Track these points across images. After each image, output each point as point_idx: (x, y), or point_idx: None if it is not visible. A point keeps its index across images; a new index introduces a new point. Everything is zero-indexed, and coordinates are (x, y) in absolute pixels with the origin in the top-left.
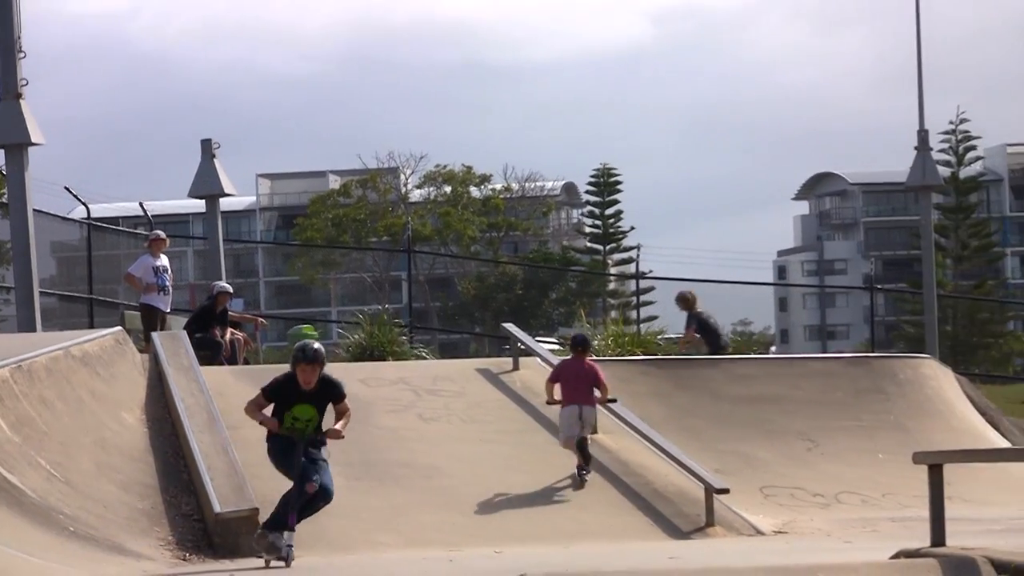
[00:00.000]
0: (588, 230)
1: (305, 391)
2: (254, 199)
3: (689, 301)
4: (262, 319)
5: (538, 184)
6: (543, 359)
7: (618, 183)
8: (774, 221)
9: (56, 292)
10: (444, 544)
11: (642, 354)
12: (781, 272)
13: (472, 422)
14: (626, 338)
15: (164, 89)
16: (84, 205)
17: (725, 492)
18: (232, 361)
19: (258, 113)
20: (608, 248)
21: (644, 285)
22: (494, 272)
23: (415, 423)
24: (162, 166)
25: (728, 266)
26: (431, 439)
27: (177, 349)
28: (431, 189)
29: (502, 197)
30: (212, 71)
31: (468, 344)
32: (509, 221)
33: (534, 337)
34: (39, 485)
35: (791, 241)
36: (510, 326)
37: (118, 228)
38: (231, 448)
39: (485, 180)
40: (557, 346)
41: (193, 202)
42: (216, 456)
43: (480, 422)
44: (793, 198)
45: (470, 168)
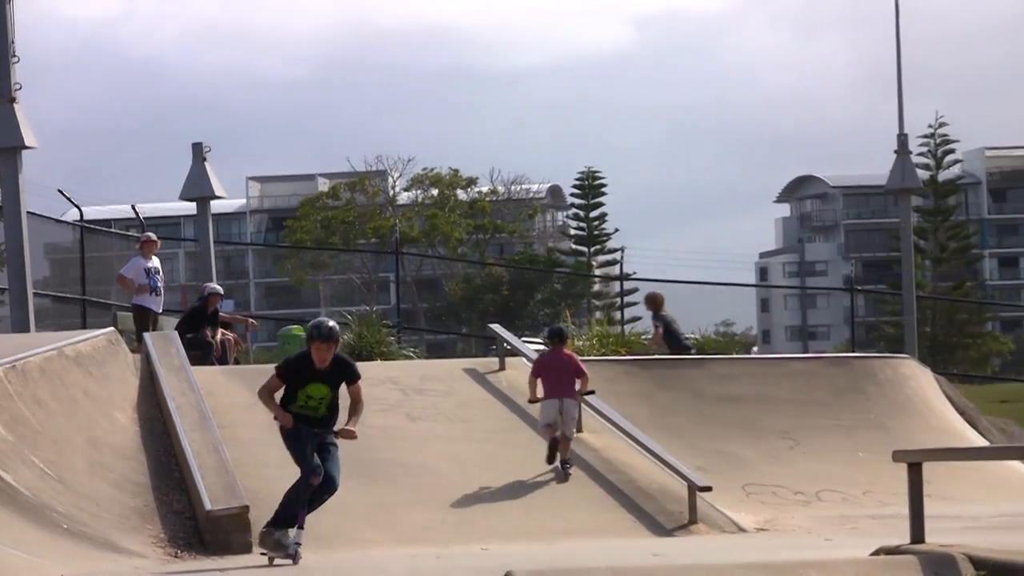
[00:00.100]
0: (573, 232)
1: (319, 370)
2: (244, 202)
3: (658, 302)
4: (252, 320)
5: (524, 187)
6: (529, 359)
7: (602, 186)
8: (756, 223)
9: (50, 293)
10: (432, 541)
11: (626, 354)
12: (763, 273)
13: (459, 421)
14: (610, 338)
15: (155, 93)
16: (77, 208)
17: (708, 490)
18: (223, 361)
19: (248, 117)
20: (593, 250)
21: (628, 286)
22: (480, 273)
23: (403, 422)
24: (154, 169)
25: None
26: (419, 438)
27: (168, 349)
28: (419, 192)
29: (488, 200)
30: (203, 75)
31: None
32: (495, 223)
33: (520, 337)
34: (33, 483)
35: (773, 243)
36: (496, 327)
37: (110, 230)
38: (222, 447)
39: (472, 183)
40: (543, 346)
41: (184, 205)
42: (207, 455)
43: (467, 421)
44: (775, 201)
45: (457, 171)
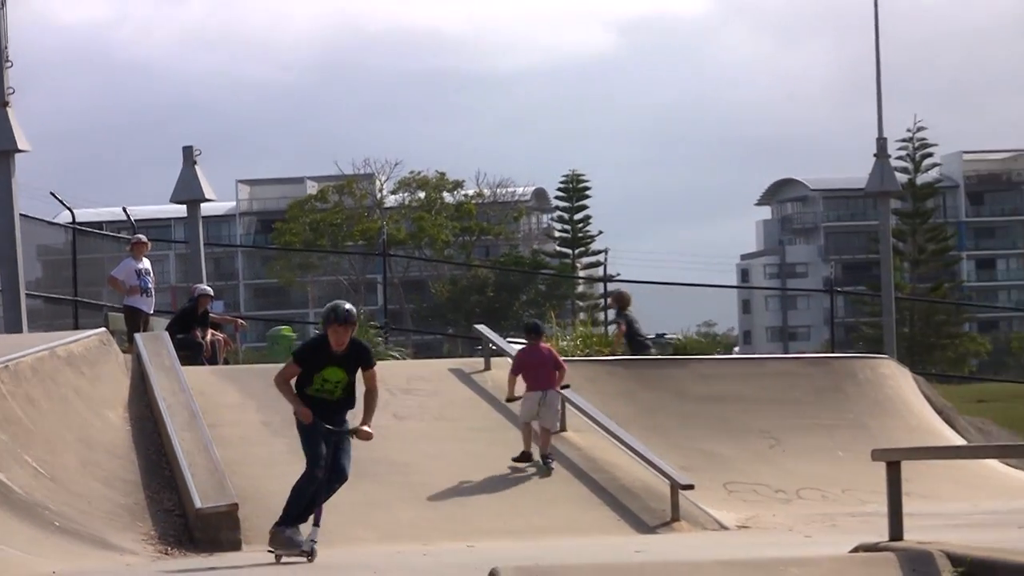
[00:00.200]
0: (557, 234)
1: (336, 354)
2: (234, 204)
3: (623, 301)
4: (242, 320)
5: (509, 190)
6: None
7: (587, 189)
8: (737, 226)
9: (42, 294)
10: (418, 539)
11: (609, 354)
12: (744, 275)
13: (445, 420)
14: (594, 339)
15: (147, 97)
16: (69, 210)
17: (690, 488)
18: (213, 361)
19: (238, 120)
20: (577, 252)
21: (612, 288)
22: (466, 275)
23: (390, 421)
24: (145, 172)
25: (693, 269)
26: (406, 437)
27: (159, 350)
28: (406, 195)
29: (474, 202)
30: (193, 79)
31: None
32: (481, 226)
33: (505, 338)
34: (25, 481)
35: (754, 245)
36: (482, 327)
37: (102, 232)
38: (212, 445)
39: (458, 186)
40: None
41: (175, 207)
42: (197, 453)
43: (453, 420)
44: (756, 204)
45: (443, 174)
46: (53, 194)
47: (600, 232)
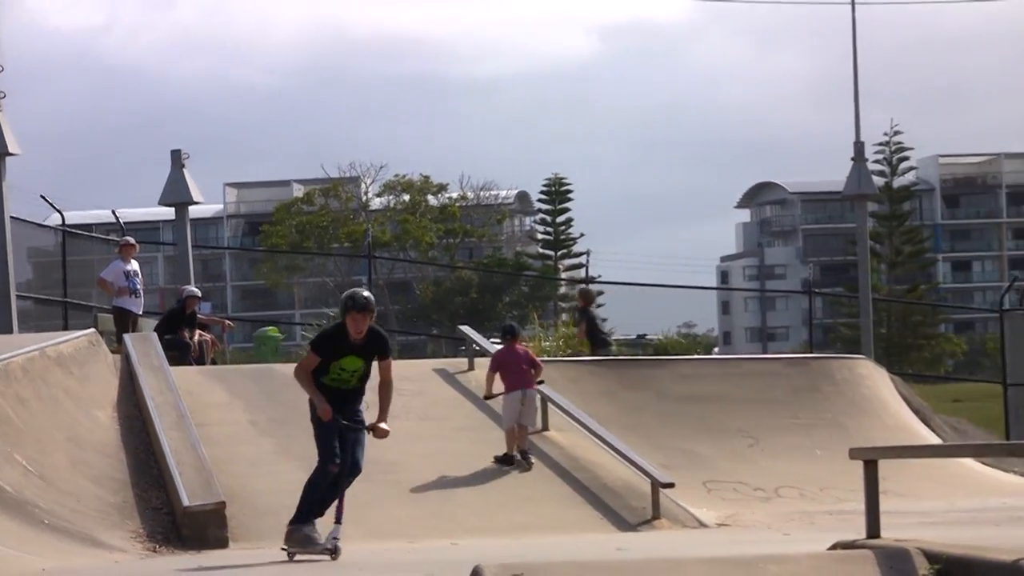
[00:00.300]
0: (540, 237)
1: (354, 342)
2: (222, 207)
3: (588, 298)
4: (229, 321)
5: (493, 193)
6: None
7: (569, 192)
8: (717, 228)
9: (32, 295)
10: (403, 536)
11: (589, 354)
12: (724, 277)
13: (430, 420)
14: (575, 339)
15: (136, 101)
16: (59, 213)
17: (670, 486)
18: (200, 361)
19: (225, 124)
20: (559, 254)
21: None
22: (450, 277)
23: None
24: (134, 175)
25: (673, 271)
26: (391, 436)
27: (148, 350)
28: (390, 197)
29: (458, 205)
30: (182, 84)
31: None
32: (465, 228)
33: (488, 339)
34: (15, 480)
35: (733, 247)
36: (466, 328)
37: (91, 235)
38: (199, 444)
39: (442, 189)
40: None
41: (163, 210)
42: (185, 452)
43: (437, 420)
44: (735, 206)
45: (428, 177)
46: (43, 197)
47: (582, 234)
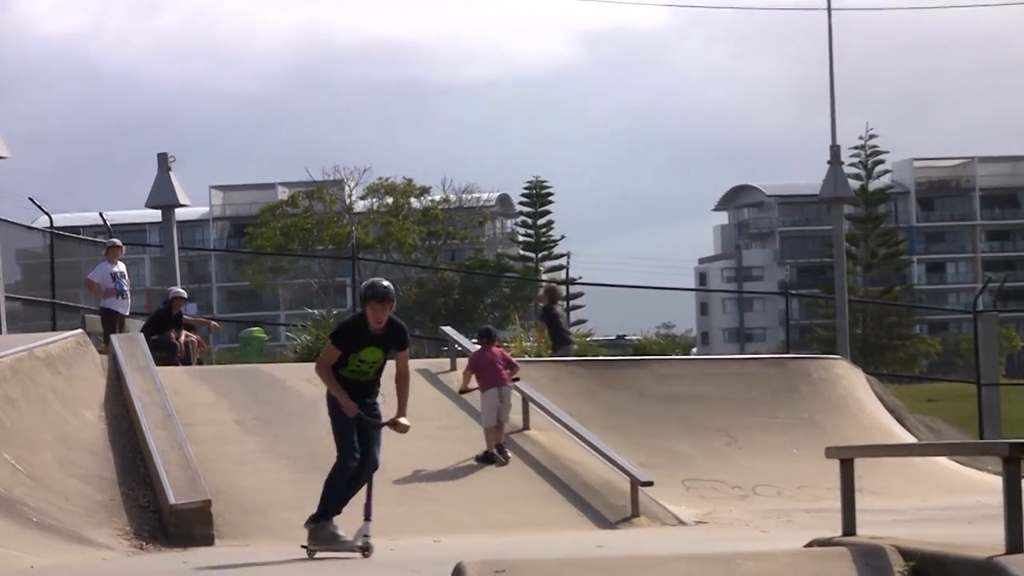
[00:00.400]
0: (521, 239)
1: (374, 333)
2: (207, 209)
3: (554, 295)
4: (215, 322)
5: (475, 196)
6: None
7: (550, 195)
8: (695, 231)
9: (20, 297)
10: (386, 534)
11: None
12: (702, 278)
13: (412, 419)
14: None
15: (123, 105)
16: (47, 215)
17: (649, 485)
18: (186, 362)
19: (211, 128)
20: (540, 256)
21: (574, 291)
22: (433, 278)
23: None
24: (121, 178)
25: (652, 273)
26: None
27: (135, 350)
28: (374, 200)
29: (441, 208)
30: (168, 88)
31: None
32: (447, 230)
33: (470, 339)
34: (4, 478)
35: (711, 249)
36: (448, 329)
37: (79, 237)
38: (185, 443)
39: (425, 192)
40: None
41: (150, 212)
42: (171, 451)
43: (420, 419)
44: (713, 209)
45: (411, 180)
46: (32, 199)
47: (562, 237)
